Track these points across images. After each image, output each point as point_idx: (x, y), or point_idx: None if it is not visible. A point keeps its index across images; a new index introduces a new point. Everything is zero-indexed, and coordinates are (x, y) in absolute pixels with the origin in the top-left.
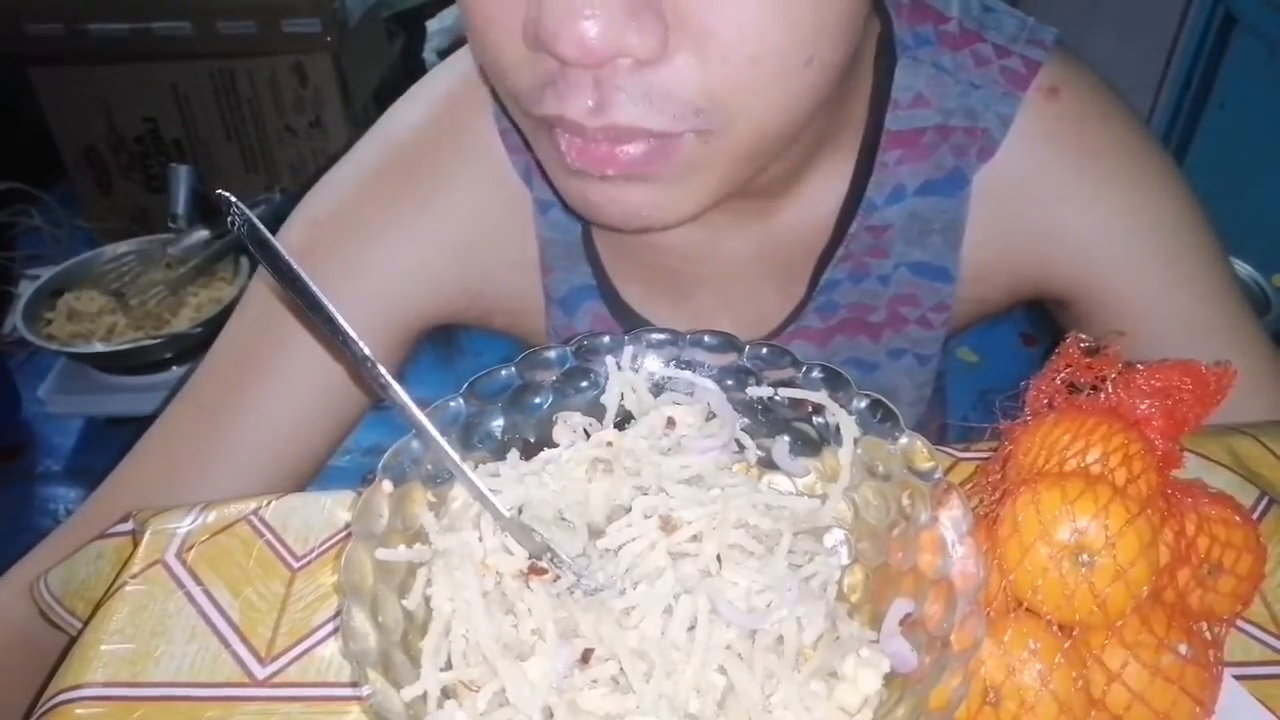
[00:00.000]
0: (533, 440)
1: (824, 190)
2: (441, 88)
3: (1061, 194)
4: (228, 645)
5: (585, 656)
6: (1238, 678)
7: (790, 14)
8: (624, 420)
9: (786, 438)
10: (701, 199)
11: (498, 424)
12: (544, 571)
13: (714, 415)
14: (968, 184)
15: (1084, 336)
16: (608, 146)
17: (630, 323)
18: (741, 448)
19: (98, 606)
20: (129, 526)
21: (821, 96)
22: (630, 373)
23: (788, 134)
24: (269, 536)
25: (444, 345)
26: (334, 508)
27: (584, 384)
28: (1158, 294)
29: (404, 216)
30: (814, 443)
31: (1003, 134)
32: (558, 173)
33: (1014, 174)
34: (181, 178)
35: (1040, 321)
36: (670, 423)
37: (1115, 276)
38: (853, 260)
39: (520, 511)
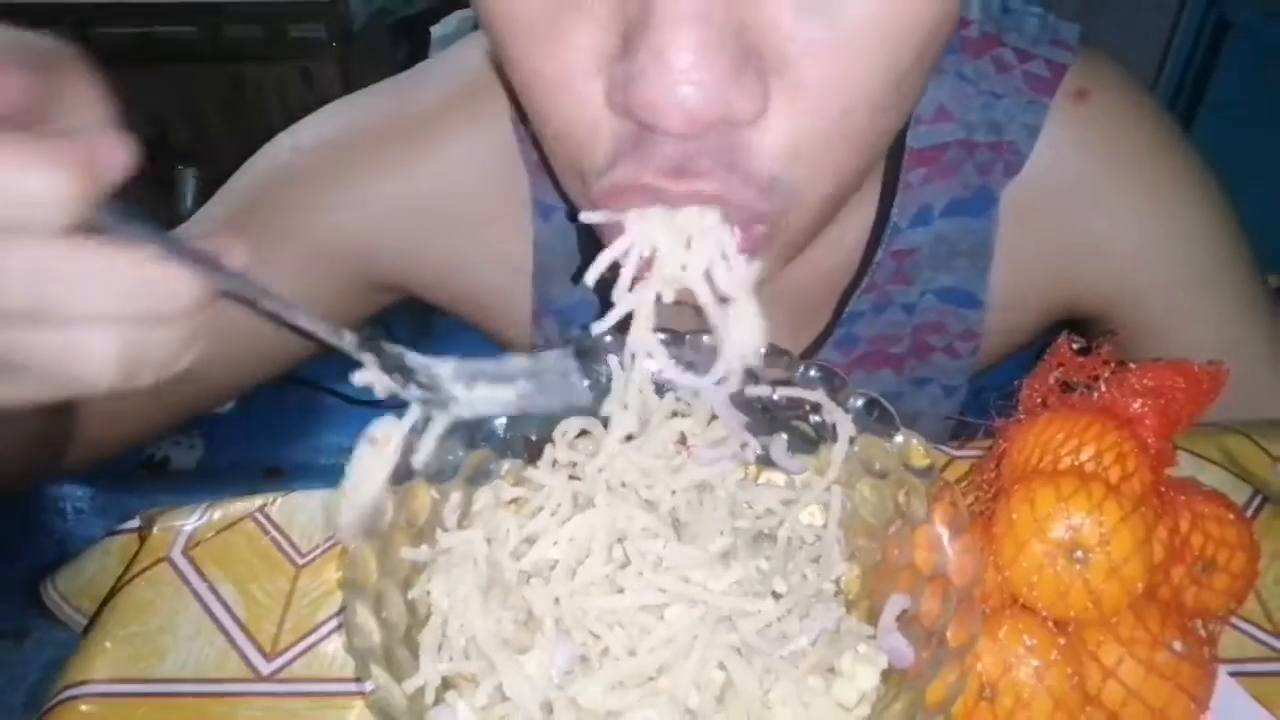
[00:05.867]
0: (534, 439)
1: (846, 224)
2: (474, 58)
3: (1095, 205)
4: (233, 642)
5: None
6: (1233, 675)
7: (892, 50)
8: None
9: (784, 436)
10: (765, 270)
11: (499, 423)
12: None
13: (715, 417)
14: (996, 203)
15: (1076, 337)
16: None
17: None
18: (742, 447)
19: (104, 604)
20: (135, 524)
21: (892, 136)
22: (635, 374)
23: (854, 189)
24: (274, 533)
25: (417, 330)
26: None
27: (584, 384)
28: (1193, 308)
29: (389, 162)
30: (812, 441)
31: (1030, 146)
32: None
33: (1044, 188)
34: (188, 181)
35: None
36: (682, 439)
37: (1151, 291)
38: (876, 290)
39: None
